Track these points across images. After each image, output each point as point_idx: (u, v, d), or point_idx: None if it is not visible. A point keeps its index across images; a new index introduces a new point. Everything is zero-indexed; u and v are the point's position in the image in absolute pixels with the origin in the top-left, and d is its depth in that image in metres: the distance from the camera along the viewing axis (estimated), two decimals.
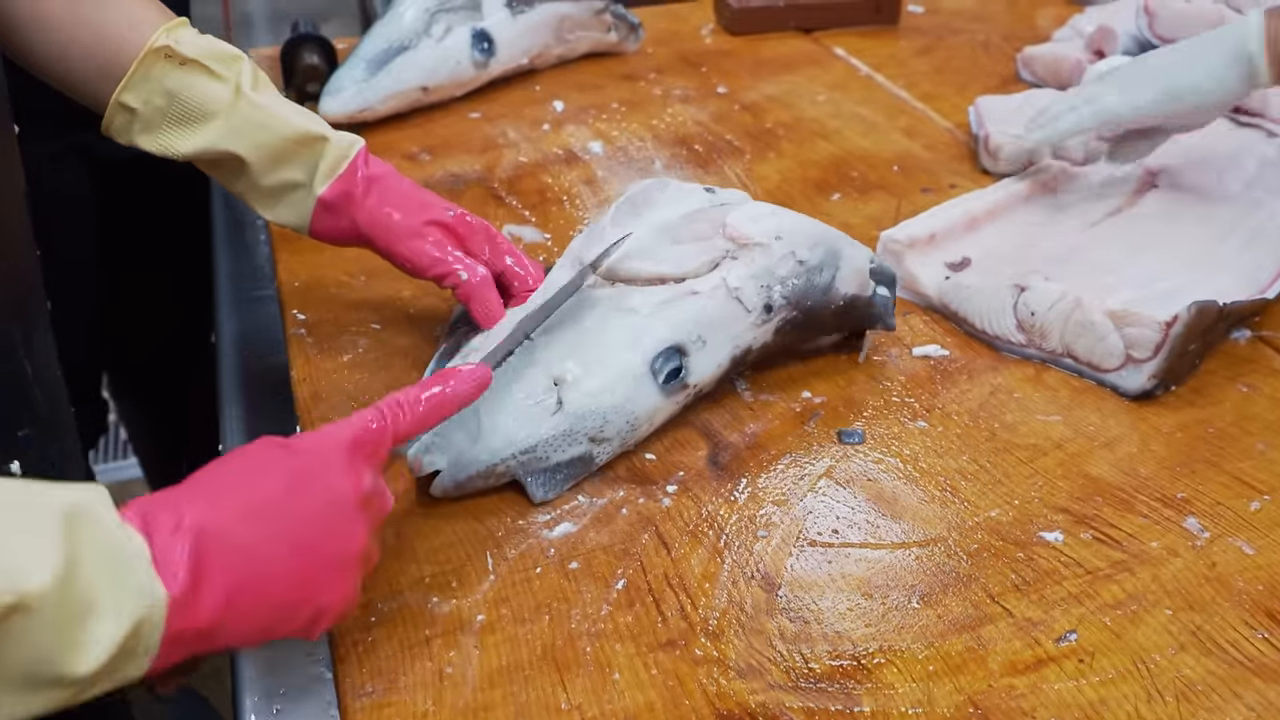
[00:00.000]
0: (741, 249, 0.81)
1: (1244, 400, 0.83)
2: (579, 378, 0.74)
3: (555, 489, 0.74)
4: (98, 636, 0.45)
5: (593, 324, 0.77)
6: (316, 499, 0.55)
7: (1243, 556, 0.69)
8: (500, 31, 1.29)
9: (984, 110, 1.18)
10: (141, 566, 0.47)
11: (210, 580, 0.50)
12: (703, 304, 0.78)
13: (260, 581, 0.52)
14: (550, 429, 0.73)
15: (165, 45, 0.76)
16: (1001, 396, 0.83)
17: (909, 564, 0.69)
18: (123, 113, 0.78)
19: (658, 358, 0.76)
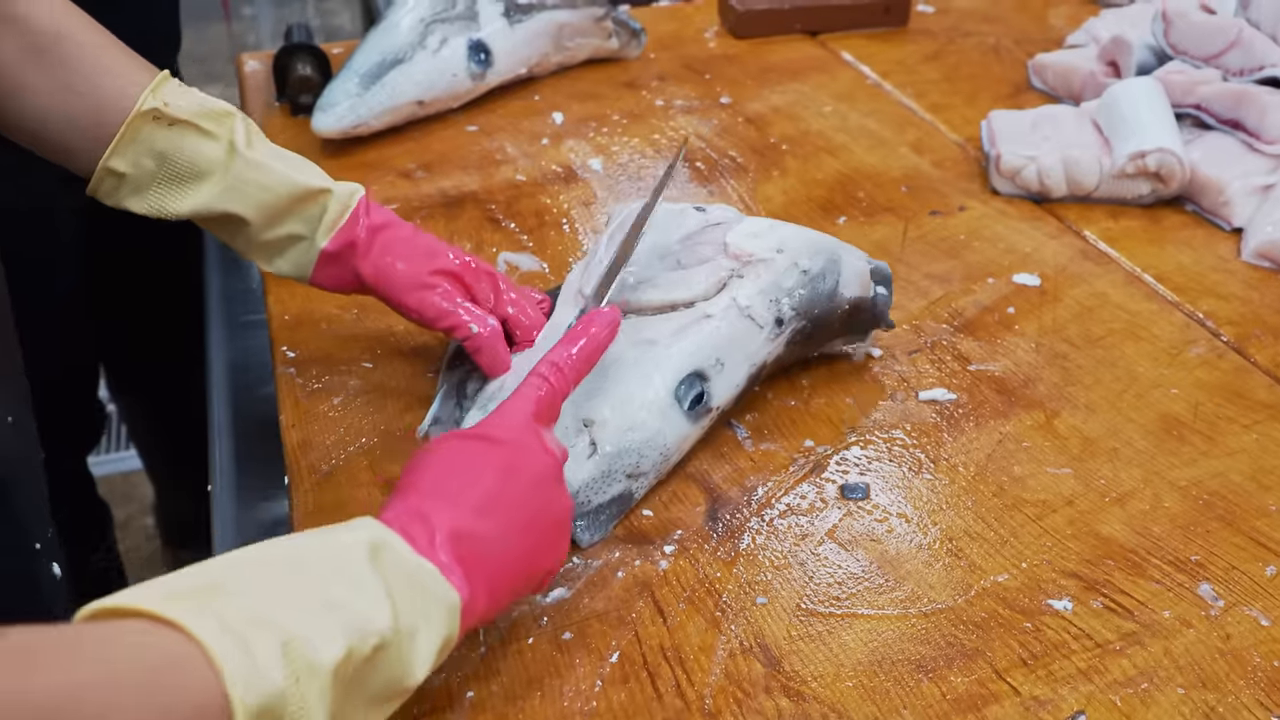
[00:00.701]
0: (746, 266, 0.81)
1: (1260, 450, 0.80)
2: (608, 418, 0.74)
3: (601, 530, 0.73)
4: (425, 651, 0.53)
5: (612, 360, 0.76)
6: (527, 480, 0.60)
7: (1258, 628, 0.67)
8: (498, 41, 1.26)
9: (996, 127, 1.15)
10: (435, 581, 0.54)
11: (475, 577, 0.56)
12: (716, 326, 0.78)
13: (506, 568, 0.58)
14: (588, 473, 0.72)
15: (154, 107, 0.74)
16: (1010, 446, 0.81)
17: (913, 634, 0.67)
18: (111, 177, 0.76)
19: (680, 385, 0.76)
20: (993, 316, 0.94)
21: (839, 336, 0.86)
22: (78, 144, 0.75)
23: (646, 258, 0.83)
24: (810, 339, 0.83)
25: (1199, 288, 0.99)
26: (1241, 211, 1.05)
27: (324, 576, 0.50)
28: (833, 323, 0.84)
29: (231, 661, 0.43)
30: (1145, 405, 0.85)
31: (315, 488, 0.77)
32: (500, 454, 0.60)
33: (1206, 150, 1.09)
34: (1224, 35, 1.15)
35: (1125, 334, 0.92)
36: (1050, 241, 1.05)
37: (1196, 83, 1.13)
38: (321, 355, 0.90)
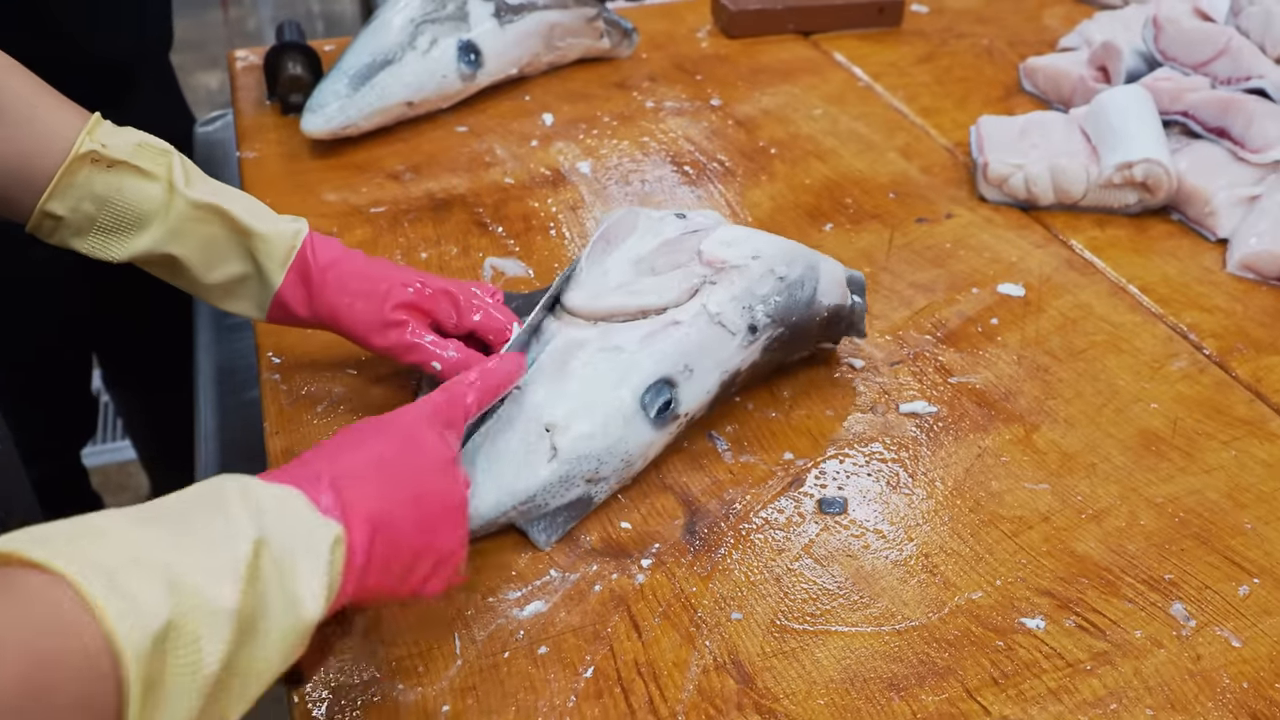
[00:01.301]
0: (719, 273, 0.80)
1: (1237, 467, 0.81)
2: (569, 423, 0.74)
3: (557, 532, 0.74)
4: (310, 580, 0.51)
5: (579, 366, 0.76)
6: (417, 461, 0.61)
7: (1228, 649, 0.68)
8: (488, 42, 1.26)
9: (985, 133, 1.15)
10: (310, 510, 0.53)
11: (356, 518, 0.55)
12: (686, 333, 0.78)
13: (391, 524, 0.57)
14: (547, 476, 0.73)
15: (91, 150, 0.73)
16: (989, 460, 0.81)
17: (886, 652, 0.67)
18: (49, 220, 0.75)
19: (647, 393, 0.76)
20: (976, 327, 0.95)
21: (818, 343, 0.87)
22: (14, 191, 0.73)
23: (620, 264, 0.83)
24: (788, 345, 0.84)
25: (1183, 299, 0.99)
26: (1227, 222, 1.05)
27: (194, 516, 0.49)
28: (811, 330, 0.84)
29: (113, 603, 0.41)
30: (1125, 420, 0.85)
31: None
32: (391, 432, 0.61)
33: (1193, 160, 1.09)
34: (1213, 43, 1.15)
35: (1107, 346, 0.93)
36: (1036, 250, 1.05)
37: (1185, 90, 1.13)
38: (306, 361, 0.90)
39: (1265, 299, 0.99)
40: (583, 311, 0.79)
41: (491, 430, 0.74)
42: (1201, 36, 1.17)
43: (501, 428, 0.74)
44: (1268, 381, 0.89)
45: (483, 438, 0.74)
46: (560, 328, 0.79)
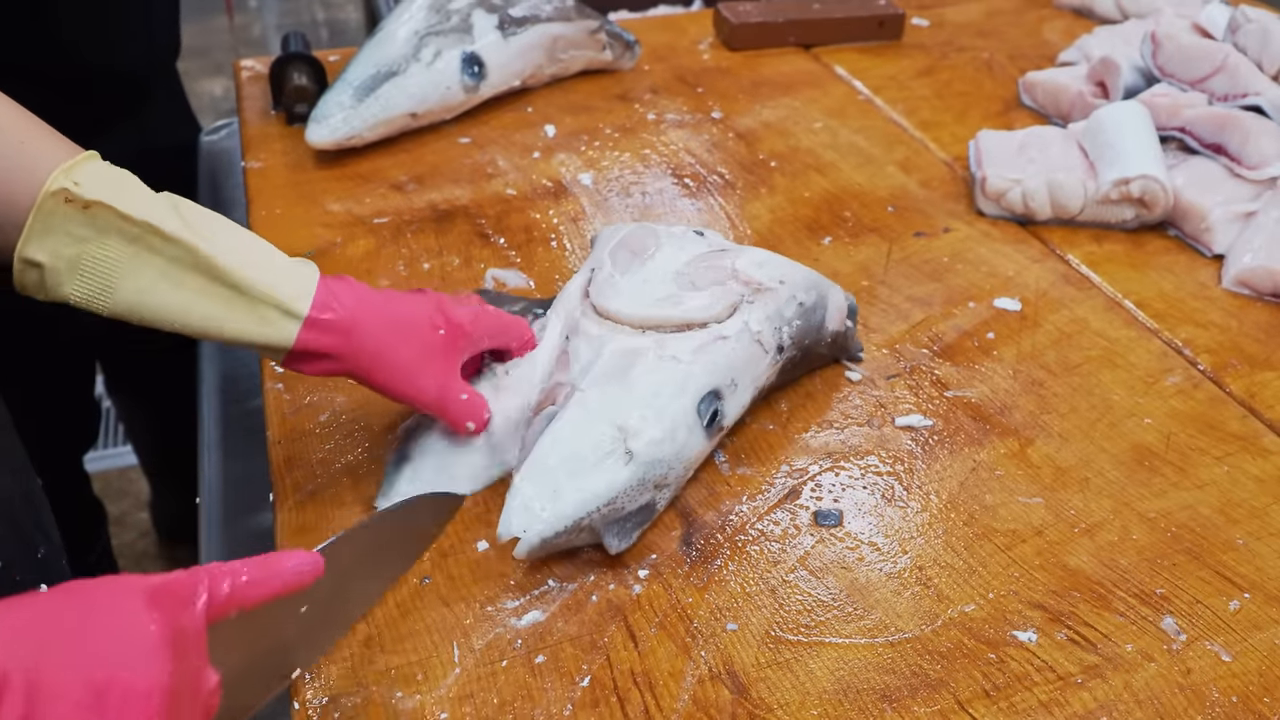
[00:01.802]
0: (756, 293, 0.84)
1: (1229, 483, 0.82)
2: (643, 427, 0.75)
3: (628, 539, 0.74)
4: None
5: (640, 374, 0.78)
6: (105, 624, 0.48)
7: (1218, 663, 0.68)
8: (491, 54, 1.27)
9: (984, 148, 1.16)
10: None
11: None
12: (732, 348, 0.80)
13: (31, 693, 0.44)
14: (626, 479, 0.73)
15: (63, 188, 0.64)
16: (983, 474, 0.82)
17: (879, 663, 0.68)
18: (30, 269, 0.66)
19: (702, 402, 0.78)
20: (972, 341, 0.95)
21: (817, 366, 0.91)
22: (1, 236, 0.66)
23: (661, 276, 0.85)
24: (796, 367, 0.87)
25: (1178, 315, 1.00)
26: (1223, 238, 1.06)
27: None
28: (816, 353, 0.88)
29: None
30: (1119, 435, 0.86)
31: (298, 506, 0.79)
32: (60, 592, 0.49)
33: (1190, 176, 1.10)
34: (1210, 60, 1.16)
35: (1103, 361, 0.94)
36: (1033, 265, 1.06)
37: (1182, 106, 1.14)
38: None
39: (1260, 315, 1.00)
40: (630, 318, 0.81)
41: (559, 433, 0.74)
42: (1199, 53, 1.18)
43: (574, 429, 0.74)
44: (1261, 397, 0.90)
45: (551, 439, 0.74)
46: (609, 333, 0.81)
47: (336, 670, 0.67)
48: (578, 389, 0.76)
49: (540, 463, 0.72)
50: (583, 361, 0.79)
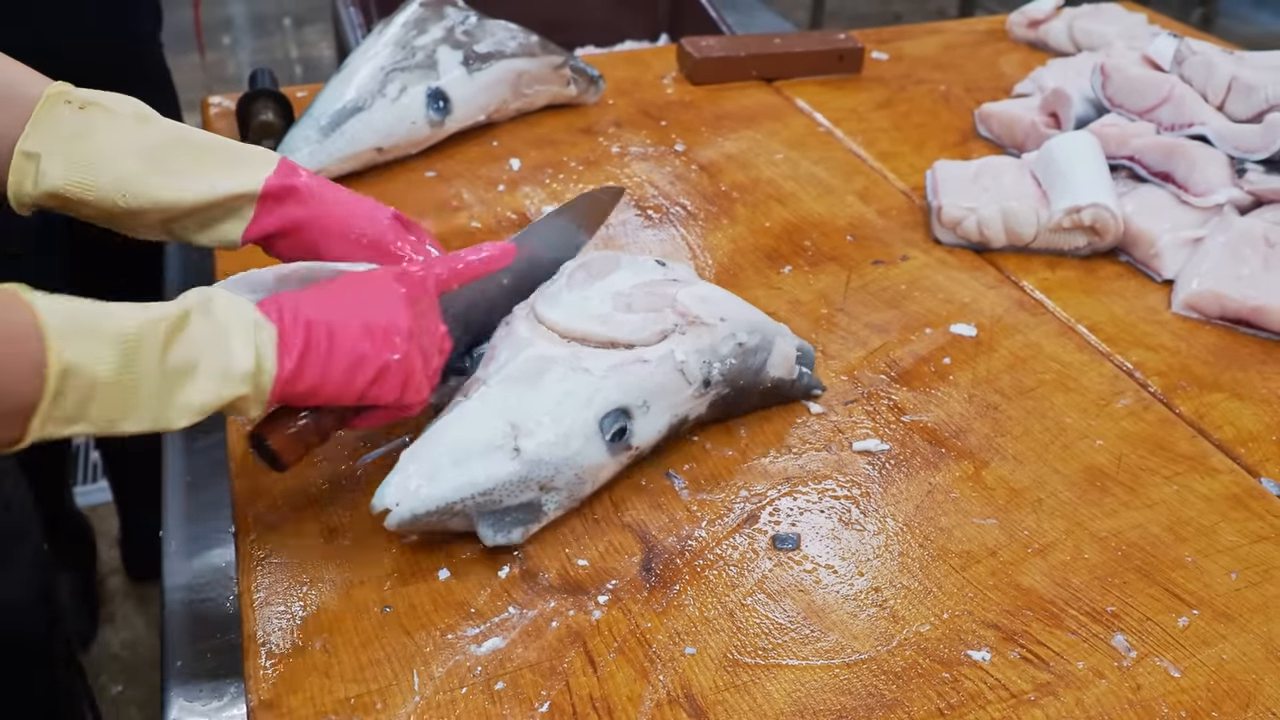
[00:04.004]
0: (690, 325, 0.84)
1: (1179, 502, 0.83)
2: (534, 427, 0.77)
3: (504, 534, 0.76)
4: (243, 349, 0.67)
5: (550, 380, 0.80)
6: (370, 288, 0.74)
7: (1168, 679, 0.70)
8: (456, 89, 1.29)
9: (940, 177, 1.18)
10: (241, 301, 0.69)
11: (289, 316, 0.69)
12: (650, 371, 0.82)
13: (331, 329, 0.70)
14: (508, 473, 0.75)
15: (61, 92, 0.77)
16: (939, 497, 0.83)
17: (835, 685, 0.69)
18: (27, 161, 0.76)
19: (606, 417, 0.79)
20: (928, 367, 0.97)
21: (757, 409, 0.91)
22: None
23: (602, 294, 0.87)
24: (730, 406, 0.88)
25: (1129, 338, 1.02)
26: (1171, 263, 1.08)
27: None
28: (753, 396, 0.89)
29: (44, 301, 0.59)
30: (1071, 456, 0.87)
31: (260, 538, 0.79)
32: (349, 277, 0.75)
33: (1139, 203, 1.12)
34: (1157, 91, 1.19)
35: (1056, 385, 0.95)
36: (989, 291, 1.08)
37: (1130, 135, 1.17)
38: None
39: (1208, 338, 1.02)
40: (558, 328, 0.83)
41: (455, 420, 0.77)
42: (1147, 84, 1.21)
43: (468, 419, 0.77)
44: (1210, 418, 0.92)
45: (444, 425, 0.77)
46: (533, 338, 0.83)
47: (296, 700, 0.67)
48: (486, 384, 0.79)
49: (428, 443, 0.75)
50: (500, 360, 0.81)
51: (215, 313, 0.67)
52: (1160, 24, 1.66)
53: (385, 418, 0.77)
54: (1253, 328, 1.02)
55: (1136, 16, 1.61)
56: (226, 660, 0.71)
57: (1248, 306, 1.01)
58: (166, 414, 0.64)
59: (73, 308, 0.61)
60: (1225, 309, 1.02)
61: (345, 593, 0.74)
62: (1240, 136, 1.14)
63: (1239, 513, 0.83)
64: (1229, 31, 4.05)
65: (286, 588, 0.75)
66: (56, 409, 0.59)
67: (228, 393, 0.66)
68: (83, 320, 0.61)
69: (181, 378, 0.64)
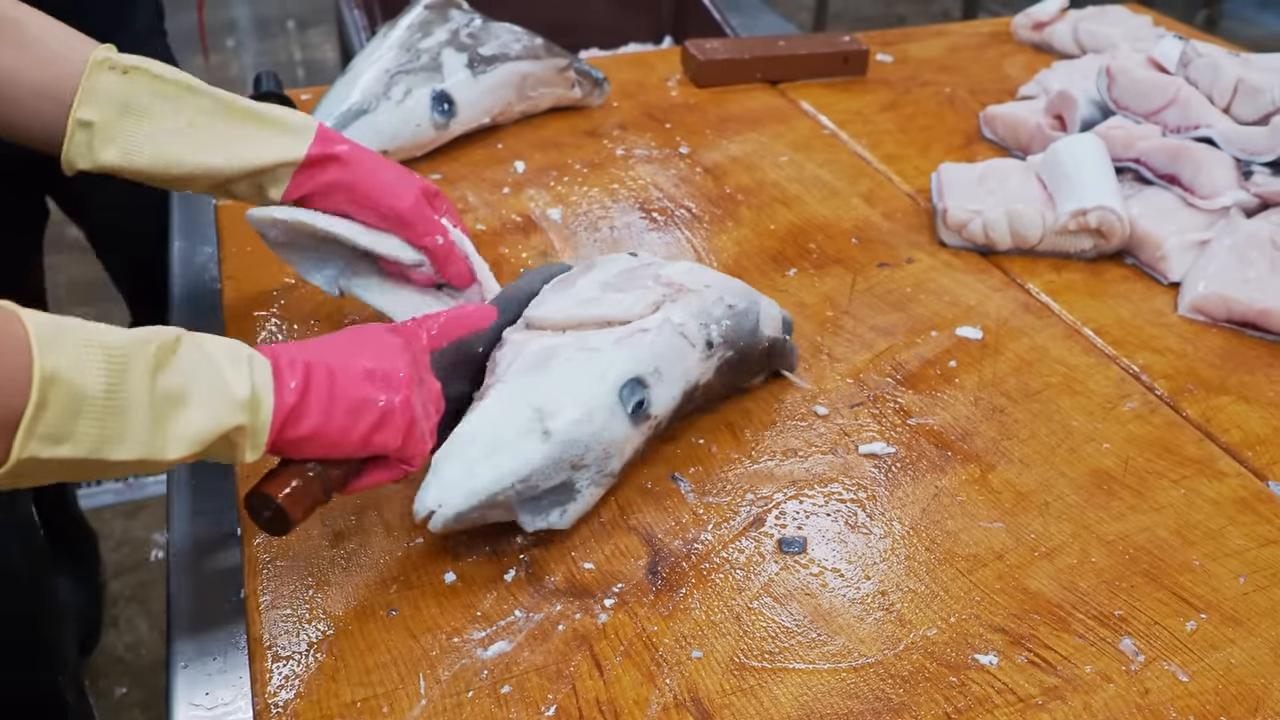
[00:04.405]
0: (678, 293, 0.86)
1: (1186, 505, 0.83)
2: (559, 408, 0.77)
3: (542, 518, 0.76)
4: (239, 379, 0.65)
5: (560, 364, 0.80)
6: (366, 337, 0.74)
7: (1176, 683, 0.69)
8: (461, 92, 1.29)
9: (945, 180, 1.18)
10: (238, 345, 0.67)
11: (286, 359, 0.68)
12: (653, 339, 0.83)
13: (330, 374, 0.69)
14: (542, 456, 0.75)
15: (106, 58, 0.83)
16: (945, 500, 0.83)
17: (842, 689, 0.69)
18: (82, 130, 0.83)
19: (624, 388, 0.80)
20: (934, 370, 0.97)
21: (759, 373, 0.93)
22: (45, 104, 0.83)
23: (587, 286, 0.87)
24: (736, 369, 0.89)
25: (1136, 341, 1.02)
26: (1178, 266, 1.08)
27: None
28: (756, 357, 0.91)
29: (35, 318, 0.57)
30: (1078, 459, 0.87)
31: (266, 542, 0.79)
32: (353, 330, 0.76)
33: (1145, 206, 1.12)
34: (1163, 93, 1.19)
35: (1062, 388, 0.95)
36: (994, 294, 1.08)
37: (1136, 138, 1.17)
38: None
39: (1215, 340, 1.02)
40: (550, 322, 0.84)
41: (479, 418, 0.76)
42: (1152, 86, 1.21)
43: (491, 414, 0.77)
44: (1216, 421, 0.92)
45: (469, 424, 0.76)
46: (531, 337, 0.83)
47: (303, 703, 0.67)
48: (497, 382, 0.79)
49: (459, 444, 0.75)
50: (505, 364, 0.81)
51: (206, 344, 0.65)
52: (1165, 26, 1.66)
53: (387, 476, 0.74)
54: (1259, 330, 1.02)
55: (1141, 18, 1.61)
56: (232, 664, 0.71)
57: (1254, 309, 1.01)
58: (159, 442, 0.61)
59: (60, 322, 0.59)
60: (1232, 312, 1.02)
61: (351, 596, 0.74)
62: (1246, 139, 1.14)
63: (1247, 516, 0.82)
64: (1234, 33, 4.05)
65: (292, 591, 0.75)
66: (40, 423, 0.56)
67: (226, 420, 0.63)
68: (69, 333, 0.58)
69: (173, 405, 0.61)
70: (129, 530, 2.10)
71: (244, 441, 0.65)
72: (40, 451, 0.56)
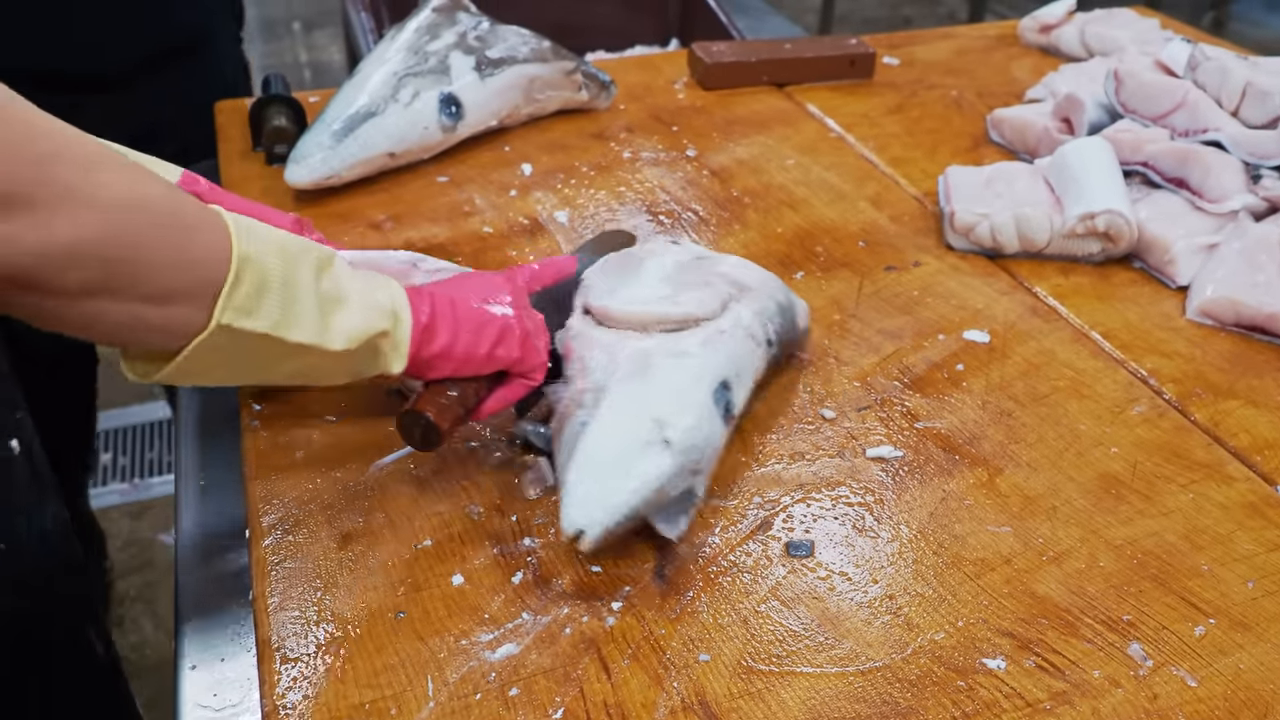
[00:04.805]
0: (741, 292, 0.89)
1: (1195, 510, 0.83)
2: (674, 416, 0.78)
3: (679, 525, 0.77)
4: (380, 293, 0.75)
5: (659, 370, 0.81)
6: (476, 279, 0.82)
7: (1184, 689, 0.69)
8: (469, 95, 1.29)
9: (952, 183, 1.18)
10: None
11: (411, 291, 0.77)
12: (730, 340, 0.85)
13: (450, 300, 0.78)
14: (671, 466, 0.76)
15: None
16: (952, 504, 0.83)
17: (850, 692, 0.69)
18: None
19: (716, 391, 0.81)
20: (942, 373, 0.97)
21: (784, 361, 0.96)
22: None
23: (651, 281, 0.89)
24: (773, 364, 0.92)
25: (1144, 345, 1.02)
26: (1186, 270, 1.08)
27: None
28: (791, 349, 0.95)
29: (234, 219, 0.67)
30: (1086, 464, 0.87)
31: (275, 544, 0.79)
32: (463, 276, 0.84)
33: (1153, 209, 1.12)
34: (1171, 97, 1.19)
35: (1070, 392, 0.95)
36: (1002, 298, 1.08)
37: (1144, 141, 1.17)
38: (287, 410, 0.92)
39: (1223, 344, 1.02)
40: (633, 320, 0.84)
41: (600, 431, 0.76)
42: (1160, 90, 1.21)
43: (612, 426, 0.77)
44: (1225, 425, 0.92)
45: (594, 439, 0.76)
46: (619, 339, 0.83)
47: (310, 705, 0.67)
48: (606, 391, 0.79)
49: (589, 460, 0.75)
50: (598, 367, 0.81)
51: (351, 267, 0.75)
52: (1173, 29, 1.66)
53: (515, 393, 0.82)
54: (1268, 334, 1.02)
55: (1149, 21, 1.61)
56: (241, 665, 0.71)
57: (1263, 313, 1.01)
58: (326, 332, 0.70)
59: (249, 220, 0.68)
60: (1240, 316, 1.02)
61: (359, 598, 0.74)
62: (1255, 142, 1.14)
63: (1255, 521, 0.82)
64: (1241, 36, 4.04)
65: (301, 593, 0.75)
66: (235, 295, 0.65)
67: (375, 324, 0.72)
68: (257, 229, 0.68)
69: (334, 304, 0.71)
70: (135, 530, 2.11)
71: (389, 350, 0.74)
72: (235, 321, 0.65)
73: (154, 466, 2.26)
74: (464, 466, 0.86)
